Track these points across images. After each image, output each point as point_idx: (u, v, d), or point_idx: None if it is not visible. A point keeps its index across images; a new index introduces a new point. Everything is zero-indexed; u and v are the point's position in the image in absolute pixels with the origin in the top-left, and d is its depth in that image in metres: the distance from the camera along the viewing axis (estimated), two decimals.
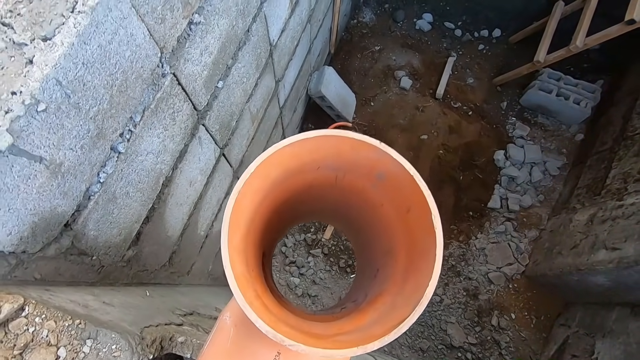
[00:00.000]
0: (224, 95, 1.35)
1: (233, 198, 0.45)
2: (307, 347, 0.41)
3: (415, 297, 0.45)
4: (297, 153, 0.53)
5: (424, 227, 0.49)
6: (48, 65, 0.62)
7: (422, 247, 0.50)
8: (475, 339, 2.66)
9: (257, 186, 0.54)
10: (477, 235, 2.95)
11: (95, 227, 0.90)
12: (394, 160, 0.49)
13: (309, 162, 0.58)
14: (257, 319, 0.41)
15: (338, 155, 0.57)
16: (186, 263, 1.58)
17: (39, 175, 0.67)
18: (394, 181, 0.55)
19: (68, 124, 0.70)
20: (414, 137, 3.19)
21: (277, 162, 0.53)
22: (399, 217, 0.59)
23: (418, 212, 0.51)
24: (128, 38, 0.78)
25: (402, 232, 0.59)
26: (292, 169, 0.58)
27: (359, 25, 3.63)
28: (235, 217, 0.47)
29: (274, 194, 0.62)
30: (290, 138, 0.48)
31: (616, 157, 2.52)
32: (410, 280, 0.53)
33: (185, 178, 1.28)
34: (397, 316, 0.45)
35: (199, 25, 1.03)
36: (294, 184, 0.65)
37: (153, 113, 0.96)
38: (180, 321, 0.99)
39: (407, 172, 0.49)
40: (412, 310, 0.42)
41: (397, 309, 0.49)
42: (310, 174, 0.63)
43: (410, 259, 0.55)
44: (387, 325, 0.44)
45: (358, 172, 0.61)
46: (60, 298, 0.74)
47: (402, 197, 0.55)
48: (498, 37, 3.61)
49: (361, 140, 0.50)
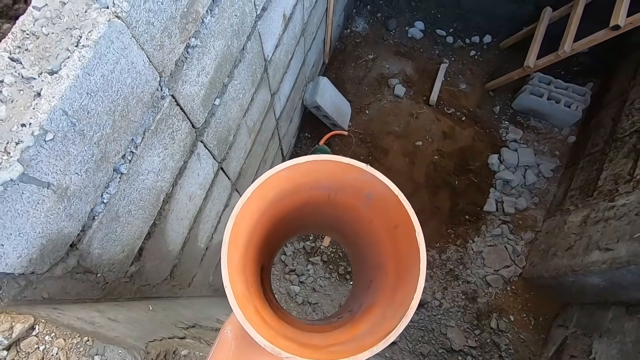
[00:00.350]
0: (221, 112, 1.39)
1: (231, 221, 0.49)
2: (304, 359, 0.45)
3: (402, 310, 0.48)
4: (291, 176, 0.57)
5: (410, 243, 0.52)
6: (55, 97, 0.66)
7: (408, 261, 0.54)
8: (475, 342, 2.69)
9: (254, 207, 0.57)
10: (474, 239, 2.99)
11: (99, 246, 0.93)
12: (380, 182, 0.53)
13: (302, 183, 0.62)
14: (256, 335, 0.45)
15: (329, 176, 0.61)
16: (187, 276, 1.61)
17: (47, 200, 0.71)
18: (381, 200, 0.58)
19: (74, 150, 0.73)
20: (409, 143, 3.23)
21: (273, 185, 0.57)
22: (387, 233, 0.63)
23: (404, 228, 0.54)
24: (129, 66, 0.82)
25: (391, 247, 0.62)
26: (287, 190, 0.62)
27: (352, 34, 3.70)
28: (234, 239, 0.50)
29: (270, 212, 0.66)
30: (284, 163, 0.52)
31: (607, 159, 2.57)
32: (399, 292, 0.56)
33: (185, 193, 1.32)
34: (386, 327, 0.49)
35: (196, 48, 1.08)
36: (289, 202, 0.69)
37: (153, 134, 1.00)
38: (183, 334, 1.02)
39: (392, 193, 0.53)
40: (399, 322, 0.46)
41: (386, 319, 0.53)
42: (304, 193, 0.67)
43: (398, 273, 0.59)
44: (377, 336, 0.47)
45: (348, 192, 0.65)
46: (68, 316, 0.77)
47: (390, 215, 0.58)
48: (489, 42, 3.68)
49: (349, 164, 0.54)
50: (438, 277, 2.90)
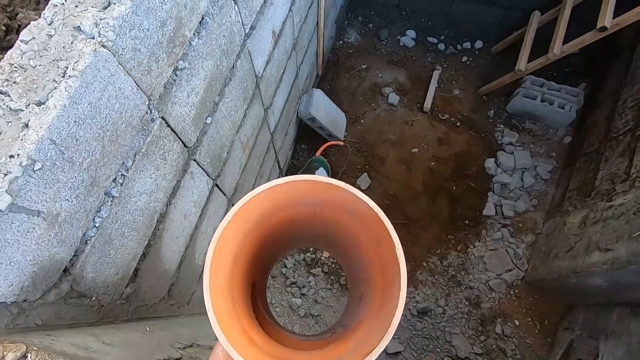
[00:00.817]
0: (213, 130, 1.41)
1: (213, 245, 0.50)
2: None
3: (385, 326, 0.49)
4: (273, 197, 0.58)
5: (391, 259, 0.53)
6: (42, 127, 0.68)
7: (391, 277, 0.54)
8: (480, 349, 2.66)
9: (238, 228, 0.58)
10: (475, 244, 2.97)
11: (93, 269, 0.94)
12: (359, 199, 0.54)
13: (285, 200, 0.63)
14: (238, 357, 0.45)
15: (311, 194, 0.62)
16: (185, 293, 1.61)
17: (37, 227, 0.72)
18: (363, 217, 0.59)
19: (63, 177, 0.75)
20: (405, 151, 3.25)
21: (254, 207, 0.58)
22: (373, 248, 0.63)
23: (386, 244, 0.55)
24: (116, 92, 0.84)
25: (377, 262, 0.63)
26: (270, 209, 0.63)
27: (345, 45, 3.75)
28: (216, 261, 0.51)
29: (257, 231, 0.67)
30: (263, 185, 0.54)
31: (603, 158, 2.58)
32: (385, 307, 0.57)
33: (179, 212, 1.33)
34: (371, 342, 0.49)
35: (184, 70, 1.10)
36: (275, 220, 0.69)
37: (144, 156, 1.02)
38: (179, 354, 1.02)
39: (371, 210, 0.53)
40: (380, 340, 0.46)
41: (372, 334, 0.53)
42: (289, 210, 0.68)
43: (384, 287, 0.60)
44: (361, 355, 0.48)
45: (332, 208, 0.65)
46: (61, 342, 0.77)
47: (372, 231, 0.59)
48: (480, 48, 3.72)
49: (328, 183, 0.55)
50: (440, 284, 2.88)
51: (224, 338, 0.46)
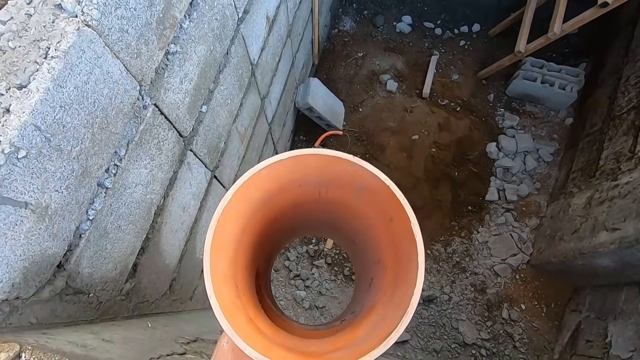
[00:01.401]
0: (209, 119, 1.36)
1: (212, 226, 0.46)
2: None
3: (401, 308, 0.45)
4: (275, 175, 0.54)
5: (406, 236, 0.49)
6: (25, 112, 0.63)
7: (407, 256, 0.50)
8: (487, 334, 2.64)
9: (240, 210, 0.54)
10: (479, 229, 2.94)
11: (89, 265, 0.90)
12: (370, 173, 0.50)
13: (288, 181, 0.59)
14: (245, 346, 0.42)
15: (316, 171, 0.58)
16: (188, 289, 1.58)
17: (25, 220, 0.68)
18: (373, 193, 0.55)
19: (51, 166, 0.70)
20: (406, 138, 3.20)
21: (256, 185, 0.53)
22: (384, 227, 0.59)
23: (399, 221, 0.51)
24: (104, 76, 0.79)
25: (389, 242, 0.59)
26: (273, 189, 0.59)
27: (340, 34, 3.68)
28: (217, 244, 0.47)
29: (259, 214, 0.63)
30: (265, 161, 0.49)
31: (607, 138, 2.54)
32: (399, 289, 0.53)
33: (177, 205, 1.28)
34: (386, 328, 0.46)
35: (176, 54, 1.05)
36: (278, 203, 0.65)
37: (138, 145, 0.97)
38: (183, 350, 0.98)
39: (383, 184, 0.49)
40: (398, 322, 0.42)
41: (386, 320, 0.49)
42: (293, 192, 0.64)
43: (397, 268, 0.56)
44: (377, 339, 0.44)
45: (339, 186, 0.61)
46: (57, 340, 0.74)
47: (383, 208, 0.55)
48: (478, 31, 3.66)
49: (335, 157, 0.50)
50: (445, 270, 2.85)
51: (228, 326, 0.42)
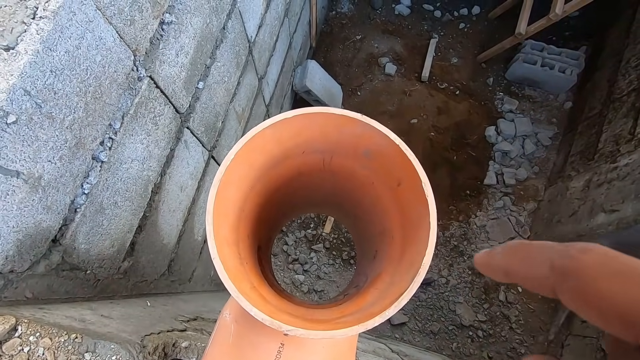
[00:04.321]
0: (206, 96, 1.33)
1: (215, 185, 0.44)
2: (306, 331, 0.39)
3: (412, 270, 0.43)
4: (279, 136, 0.52)
5: (416, 198, 0.47)
6: (13, 75, 0.60)
7: (416, 219, 0.48)
8: (484, 316, 2.67)
9: (242, 173, 0.52)
10: (477, 213, 2.95)
11: (85, 241, 0.87)
12: (379, 132, 0.48)
13: (292, 146, 0.57)
14: (251, 308, 0.40)
15: (322, 136, 0.55)
16: (186, 270, 1.56)
17: (17, 190, 0.65)
18: (381, 156, 0.53)
19: (43, 135, 0.67)
20: (404, 122, 3.17)
21: (260, 148, 0.51)
22: (390, 193, 0.57)
23: (408, 183, 0.49)
24: (97, 42, 0.75)
25: (395, 208, 0.57)
26: (277, 155, 0.56)
27: (338, 16, 3.61)
28: (219, 205, 0.45)
29: (261, 182, 0.61)
30: (268, 120, 0.47)
31: (606, 121, 2.52)
32: (407, 255, 0.51)
33: (175, 184, 1.26)
34: (395, 291, 0.44)
35: (171, 25, 1.01)
36: (281, 171, 0.63)
37: (133, 119, 0.94)
38: (184, 327, 0.97)
39: (392, 143, 0.47)
40: (411, 282, 0.41)
41: (395, 285, 0.48)
42: (296, 159, 0.62)
43: (405, 235, 0.54)
44: (387, 301, 0.42)
45: (344, 153, 0.59)
46: (55, 315, 0.72)
47: (391, 171, 0.53)
48: (477, 14, 3.60)
49: (343, 115, 0.48)
50: (443, 254, 2.87)
51: (234, 288, 0.41)
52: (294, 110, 0.46)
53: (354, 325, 0.40)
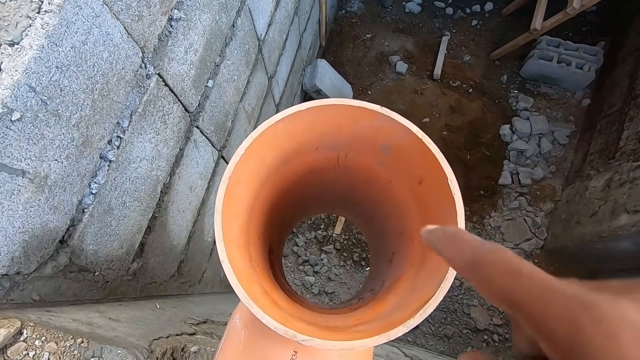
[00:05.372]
0: (215, 95, 1.31)
1: (224, 183, 0.41)
2: (323, 341, 0.36)
3: (437, 275, 0.40)
4: (291, 131, 0.49)
5: (440, 196, 0.43)
6: (18, 70, 0.58)
7: (440, 218, 0.45)
8: (500, 320, 2.59)
9: (253, 170, 0.49)
10: (491, 214, 2.87)
11: (93, 242, 0.86)
12: (400, 125, 0.44)
13: (305, 142, 0.53)
14: (263, 315, 0.37)
15: (336, 130, 0.52)
16: (196, 272, 1.55)
17: (23, 190, 0.63)
18: (400, 152, 0.50)
19: (49, 133, 0.66)
20: (416, 121, 3.11)
21: (271, 143, 0.48)
22: (410, 192, 0.54)
23: (431, 180, 0.46)
24: (104, 38, 0.73)
25: (416, 208, 0.54)
26: (289, 150, 0.53)
27: (348, 15, 3.57)
28: (229, 204, 0.42)
29: (272, 180, 0.58)
30: (280, 113, 0.44)
31: (627, 118, 2.43)
32: (429, 259, 0.47)
33: (184, 184, 1.24)
34: (418, 298, 0.40)
35: (180, 21, 0.99)
36: (293, 168, 0.60)
37: (141, 117, 0.92)
38: (193, 330, 0.95)
39: (414, 136, 0.44)
40: (438, 288, 0.37)
41: (416, 291, 0.44)
42: (309, 156, 0.58)
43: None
44: (410, 309, 0.39)
45: (360, 148, 0.56)
46: (61, 318, 0.70)
47: (412, 168, 0.49)
48: (490, 10, 3.52)
49: (360, 107, 0.45)
50: None
51: (244, 293, 0.37)
52: (307, 102, 0.43)
53: (375, 335, 0.36)
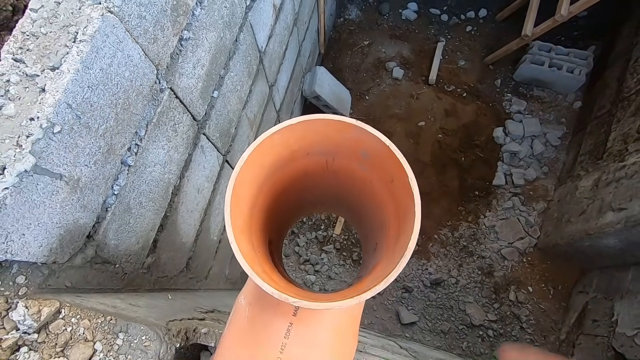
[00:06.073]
0: (220, 104, 1.42)
1: (231, 183, 0.52)
2: (309, 302, 0.47)
3: (401, 253, 0.50)
4: (286, 141, 0.60)
5: (405, 191, 0.54)
6: (58, 91, 0.69)
7: (405, 210, 0.55)
8: (495, 316, 2.69)
9: (254, 174, 0.60)
10: (486, 214, 2.97)
11: (114, 237, 0.97)
12: (372, 136, 0.55)
13: (298, 149, 0.64)
14: (263, 283, 0.48)
15: (324, 140, 0.63)
16: (203, 268, 1.66)
17: (60, 191, 0.75)
18: (376, 157, 0.60)
19: (81, 142, 0.77)
20: (412, 124, 3.23)
21: (269, 151, 0.59)
22: (386, 189, 0.65)
23: (399, 179, 0.56)
24: (125, 59, 0.85)
25: (390, 202, 0.64)
26: (284, 156, 0.64)
27: (346, 22, 3.69)
28: (235, 200, 0.53)
29: (271, 181, 0.69)
30: (276, 126, 0.55)
31: (615, 120, 2.53)
32: (399, 243, 0.58)
33: (192, 186, 1.35)
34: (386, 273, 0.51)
35: (189, 40, 1.11)
36: (288, 172, 0.71)
37: (156, 126, 1.04)
38: (202, 317, 1.06)
39: (384, 145, 0.54)
40: (398, 264, 0.48)
41: (387, 268, 0.55)
42: (302, 161, 0.69)
43: (399, 226, 0.61)
44: (378, 281, 0.49)
45: (345, 154, 0.67)
46: (91, 302, 0.81)
47: (385, 170, 0.60)
48: (484, 16, 3.63)
49: (341, 121, 0.56)
50: (452, 254, 2.90)
51: (249, 268, 0.48)
52: (298, 117, 0.54)
53: (348, 298, 0.47)
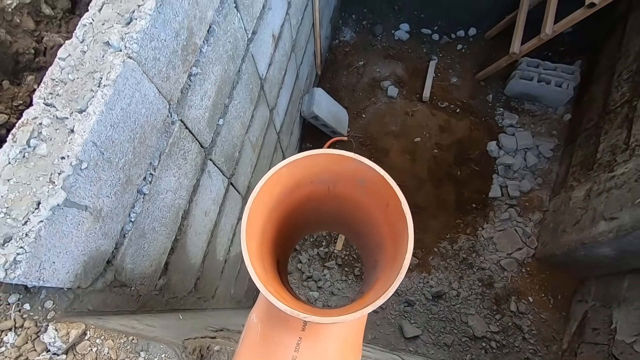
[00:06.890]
0: (225, 131, 1.51)
1: (246, 213, 0.59)
2: (319, 317, 0.53)
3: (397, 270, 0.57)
4: (292, 172, 0.67)
5: (399, 215, 0.61)
6: (85, 131, 0.77)
7: (400, 233, 0.62)
8: (497, 327, 2.72)
9: (265, 202, 0.67)
10: (483, 226, 3.03)
11: (131, 261, 1.03)
12: (368, 167, 0.63)
13: (303, 178, 0.72)
14: (277, 302, 0.54)
15: (325, 170, 0.70)
16: (210, 288, 1.71)
17: (85, 221, 0.82)
18: (372, 184, 0.68)
19: (104, 175, 0.85)
20: (408, 141, 3.32)
21: (277, 182, 0.66)
22: (382, 213, 0.72)
23: (393, 204, 0.64)
24: (142, 98, 0.93)
25: (386, 226, 0.71)
26: (291, 185, 0.72)
27: (341, 44, 3.84)
28: (250, 228, 0.60)
29: (279, 208, 0.76)
30: (284, 161, 0.62)
31: (603, 132, 2.63)
32: (396, 262, 0.65)
33: (200, 209, 1.42)
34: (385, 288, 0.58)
35: (197, 75, 1.20)
36: (295, 198, 0.78)
37: (168, 156, 1.11)
38: (214, 335, 1.11)
39: (379, 174, 0.62)
40: (395, 279, 0.54)
41: (386, 284, 0.61)
42: (306, 188, 0.77)
43: (395, 247, 0.68)
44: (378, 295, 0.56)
45: (344, 181, 0.74)
46: (111, 323, 0.87)
47: (381, 196, 0.68)
48: (474, 35, 3.78)
49: (341, 155, 0.63)
50: (452, 267, 2.95)
51: (263, 287, 0.55)
52: (303, 152, 0.62)
53: (352, 312, 0.53)
